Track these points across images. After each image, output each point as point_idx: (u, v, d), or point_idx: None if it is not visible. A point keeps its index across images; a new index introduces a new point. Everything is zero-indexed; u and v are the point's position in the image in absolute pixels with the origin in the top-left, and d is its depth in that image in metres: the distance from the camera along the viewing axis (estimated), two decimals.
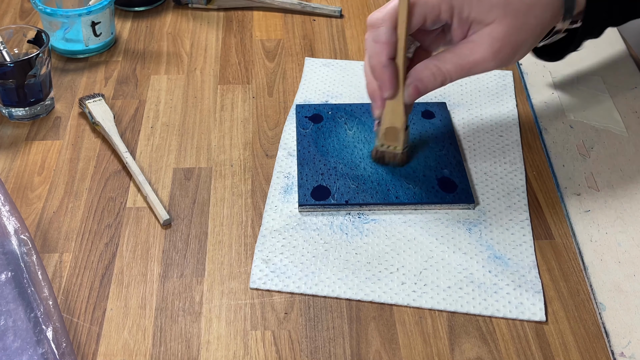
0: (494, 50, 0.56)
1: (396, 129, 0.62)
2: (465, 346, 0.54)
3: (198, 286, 0.58)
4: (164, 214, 0.63)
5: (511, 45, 0.57)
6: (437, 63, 0.58)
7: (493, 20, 0.56)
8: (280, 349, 0.54)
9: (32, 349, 0.50)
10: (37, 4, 0.79)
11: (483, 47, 0.56)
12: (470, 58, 0.57)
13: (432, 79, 0.58)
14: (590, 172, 0.68)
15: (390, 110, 0.61)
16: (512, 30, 0.56)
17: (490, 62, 0.57)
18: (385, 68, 0.58)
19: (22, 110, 0.73)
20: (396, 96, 0.60)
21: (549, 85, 0.78)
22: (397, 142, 0.64)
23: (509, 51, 0.57)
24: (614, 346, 0.54)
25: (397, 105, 0.61)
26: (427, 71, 0.58)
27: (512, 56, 0.57)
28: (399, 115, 0.61)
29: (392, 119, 0.62)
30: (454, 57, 0.57)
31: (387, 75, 0.58)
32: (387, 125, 0.62)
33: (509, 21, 0.56)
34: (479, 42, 0.56)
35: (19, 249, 0.55)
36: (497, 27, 0.56)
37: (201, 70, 0.81)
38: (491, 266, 0.59)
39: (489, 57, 0.56)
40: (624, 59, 0.81)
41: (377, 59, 0.58)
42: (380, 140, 0.64)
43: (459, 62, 0.57)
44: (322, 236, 0.62)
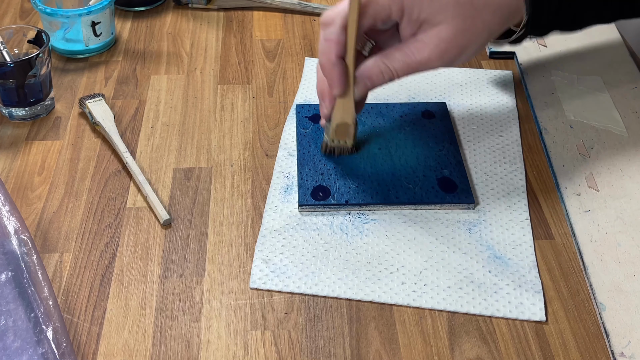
0: (440, 51, 0.58)
1: (347, 124, 0.64)
2: (465, 346, 0.54)
3: (198, 286, 0.58)
4: (164, 214, 0.63)
5: (457, 47, 0.58)
6: (385, 61, 0.59)
7: (441, 21, 0.57)
8: (280, 349, 0.54)
9: (32, 349, 0.50)
10: (37, 4, 0.80)
11: (430, 47, 0.58)
12: (417, 57, 0.58)
13: (381, 76, 0.59)
14: (590, 172, 0.68)
15: (341, 107, 0.63)
16: (458, 32, 0.57)
17: (435, 62, 0.58)
18: (334, 66, 0.59)
19: (22, 110, 0.73)
20: (346, 93, 0.61)
21: (549, 85, 0.78)
22: (347, 137, 0.66)
23: (454, 52, 0.58)
24: (614, 346, 0.54)
25: (348, 102, 0.62)
26: (375, 69, 0.59)
27: (457, 57, 0.59)
28: (349, 111, 0.63)
29: (342, 115, 0.63)
30: (401, 56, 0.58)
31: (336, 74, 0.59)
32: (337, 121, 0.64)
33: (456, 23, 0.57)
34: (427, 42, 0.58)
35: (19, 249, 0.55)
36: (444, 29, 0.57)
37: (201, 70, 0.81)
38: (491, 266, 0.59)
39: (434, 57, 0.58)
40: (624, 59, 0.81)
41: (326, 57, 0.59)
42: (331, 136, 0.65)
43: (406, 61, 0.58)
44: (322, 236, 0.62)
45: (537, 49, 0.83)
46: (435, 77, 0.80)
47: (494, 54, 0.83)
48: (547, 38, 0.70)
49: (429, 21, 0.57)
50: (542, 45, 0.83)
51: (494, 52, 0.83)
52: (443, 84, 0.79)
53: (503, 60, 0.83)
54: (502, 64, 0.83)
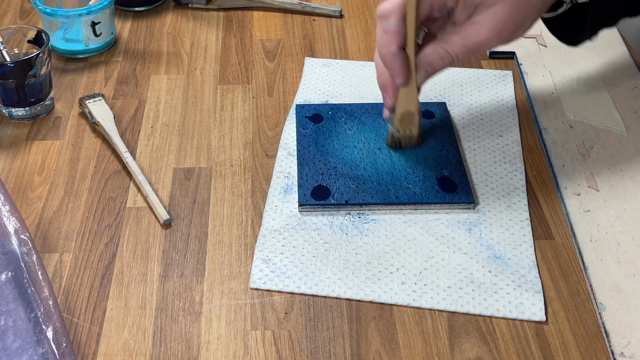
0: (497, 30, 0.58)
1: (412, 113, 0.65)
2: (465, 346, 0.54)
3: (198, 286, 0.58)
4: (164, 214, 0.63)
5: (514, 23, 0.59)
6: (444, 46, 0.60)
7: (496, 2, 0.58)
8: (280, 349, 0.54)
9: (32, 349, 0.50)
10: (37, 4, 0.80)
11: (487, 27, 0.58)
12: (476, 39, 0.59)
13: (441, 61, 0.60)
14: (590, 172, 0.68)
15: (405, 96, 0.63)
16: (514, 9, 0.58)
17: (493, 42, 0.59)
18: (396, 57, 0.60)
19: (22, 110, 0.73)
20: (409, 82, 0.62)
21: (549, 85, 0.78)
22: (413, 125, 0.66)
23: (512, 29, 0.59)
24: (614, 346, 0.54)
25: (411, 90, 0.63)
26: (435, 54, 0.60)
27: (514, 34, 0.60)
28: (413, 99, 0.64)
29: (407, 104, 0.64)
30: (459, 39, 0.59)
31: (398, 64, 0.60)
32: (402, 110, 0.65)
33: (511, 1, 0.58)
34: (483, 22, 0.58)
35: (19, 249, 0.55)
36: (500, 8, 0.58)
37: (201, 70, 0.81)
38: (491, 266, 0.59)
39: (493, 37, 0.59)
40: (624, 59, 0.81)
41: (387, 48, 0.60)
42: (396, 126, 0.66)
43: (464, 44, 0.59)
44: (322, 236, 0.62)
45: (537, 48, 0.83)
46: (435, 77, 0.79)
47: (494, 54, 0.83)
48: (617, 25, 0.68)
49: (484, 2, 0.58)
50: (542, 45, 0.83)
51: (494, 52, 0.83)
52: (443, 84, 0.79)
53: (503, 60, 0.83)
54: (502, 64, 0.83)
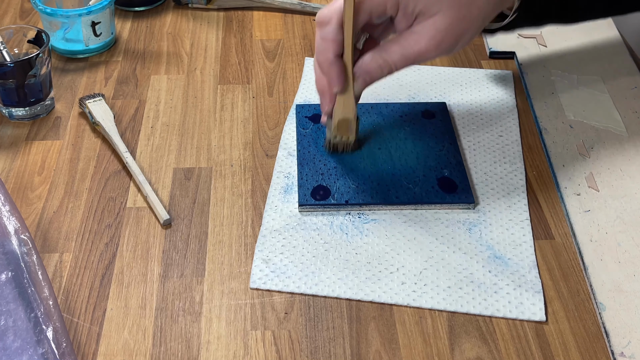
0: (436, 42, 0.58)
1: (348, 120, 0.65)
2: (465, 346, 0.54)
3: (198, 286, 0.58)
4: (164, 214, 0.63)
5: (453, 35, 0.58)
6: (383, 55, 0.59)
7: (437, 12, 0.57)
8: (280, 349, 0.54)
9: (32, 349, 0.50)
10: (37, 4, 0.80)
11: (426, 38, 0.58)
12: (415, 49, 0.58)
13: (379, 70, 0.60)
14: (590, 172, 0.68)
15: (342, 103, 0.63)
16: (454, 21, 0.58)
17: (432, 52, 0.59)
18: (332, 65, 0.60)
19: (22, 110, 0.73)
20: (346, 90, 0.62)
21: (549, 85, 0.78)
22: (349, 132, 0.66)
23: (451, 41, 0.59)
24: (614, 346, 0.54)
25: (348, 98, 0.62)
26: (374, 63, 0.60)
27: (453, 46, 0.59)
28: (350, 107, 0.63)
29: (344, 111, 0.64)
30: (398, 49, 0.59)
31: (335, 72, 0.60)
32: (339, 117, 0.64)
33: (452, 13, 0.57)
34: (423, 33, 0.58)
35: (19, 249, 0.55)
36: (440, 19, 0.57)
37: (201, 70, 0.81)
38: (491, 266, 0.59)
39: (432, 47, 0.58)
40: (624, 59, 0.81)
41: (324, 56, 0.60)
42: (333, 132, 0.66)
43: (403, 53, 0.59)
44: (322, 236, 0.62)
45: (537, 48, 0.83)
46: (435, 77, 0.80)
47: (494, 54, 0.83)
48: (542, 28, 0.70)
49: (424, 12, 0.57)
50: (542, 45, 0.83)
51: (494, 52, 0.83)
52: (443, 84, 0.79)
53: (503, 60, 0.83)
54: (502, 63, 0.83)
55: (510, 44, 0.84)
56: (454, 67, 0.82)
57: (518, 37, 0.85)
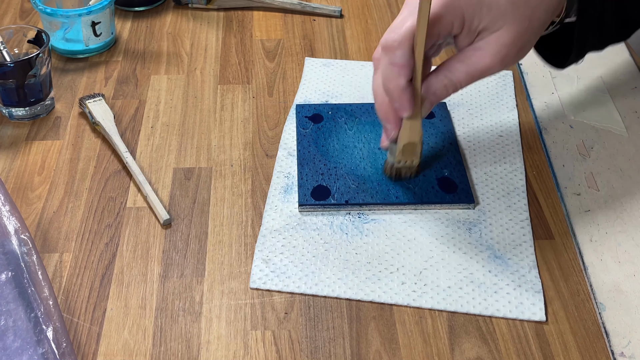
0: (501, 56, 0.57)
1: (414, 144, 0.62)
2: (465, 346, 0.54)
3: (198, 286, 0.58)
4: (164, 214, 0.63)
5: (517, 48, 0.57)
6: (447, 74, 0.58)
7: (501, 27, 0.56)
8: (280, 349, 0.54)
9: (32, 349, 0.50)
10: (37, 4, 0.80)
11: (491, 53, 0.57)
12: (479, 65, 0.57)
13: (445, 90, 0.59)
14: (590, 172, 0.68)
15: (409, 127, 0.61)
16: (518, 35, 0.57)
17: (497, 68, 0.58)
18: (404, 91, 0.57)
19: (22, 110, 0.73)
20: (415, 114, 0.59)
21: (549, 85, 0.78)
22: (414, 156, 0.64)
23: (515, 54, 0.58)
24: (614, 346, 0.54)
25: (415, 122, 0.60)
26: (439, 84, 0.58)
27: (516, 58, 0.58)
28: (417, 130, 0.61)
29: (410, 135, 0.61)
30: (463, 66, 0.58)
31: (407, 97, 0.58)
32: (405, 141, 0.62)
33: (515, 27, 0.56)
34: (487, 49, 0.57)
35: (19, 249, 0.55)
36: (504, 34, 0.56)
37: (201, 70, 0.81)
38: (491, 266, 0.59)
39: (496, 63, 0.57)
40: (624, 59, 0.81)
41: (395, 82, 0.57)
42: (397, 157, 0.63)
43: (468, 71, 0.58)
44: (322, 236, 0.62)
45: None
46: None
47: None
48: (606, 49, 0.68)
49: (488, 28, 0.56)
50: None
51: None
52: None
53: None
54: None
55: None
56: None
57: None
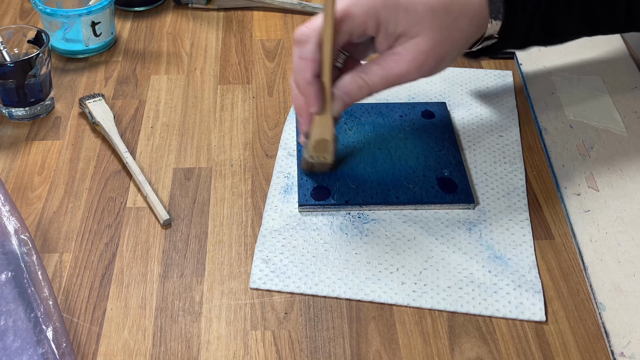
0: (418, 63, 0.57)
1: (326, 141, 0.62)
2: (465, 346, 0.54)
3: (198, 286, 0.58)
4: (164, 214, 0.63)
5: (435, 57, 0.57)
6: (363, 76, 0.58)
7: (418, 33, 0.56)
8: (280, 349, 0.54)
9: (32, 349, 0.50)
10: (37, 4, 0.80)
11: (407, 60, 0.57)
12: (396, 70, 0.57)
13: (359, 91, 0.59)
14: (590, 172, 0.68)
15: (319, 124, 0.61)
16: (436, 43, 0.57)
17: (414, 74, 0.58)
18: (310, 85, 0.58)
19: (22, 110, 0.73)
20: (324, 110, 0.60)
21: (549, 85, 0.78)
22: (327, 153, 0.63)
23: (432, 63, 0.58)
24: (614, 346, 0.54)
25: (325, 119, 0.60)
26: (354, 84, 0.58)
27: (435, 68, 0.59)
28: (327, 127, 0.61)
29: (321, 132, 0.62)
30: (379, 70, 0.58)
31: (313, 92, 0.58)
32: (316, 137, 0.62)
33: (434, 35, 0.56)
34: (404, 54, 0.57)
35: (19, 249, 0.55)
36: (422, 41, 0.56)
37: (201, 70, 0.81)
38: (491, 266, 0.59)
39: (413, 69, 0.57)
40: (624, 59, 0.81)
41: (302, 75, 0.58)
42: (309, 152, 0.63)
43: (384, 75, 0.58)
44: (322, 236, 0.62)
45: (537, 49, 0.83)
46: (435, 77, 0.80)
47: None
48: (527, 50, 0.70)
49: (406, 34, 0.56)
50: None
51: None
52: (443, 84, 0.79)
53: (503, 60, 0.83)
54: (502, 64, 0.83)
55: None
56: (454, 67, 0.81)
57: None
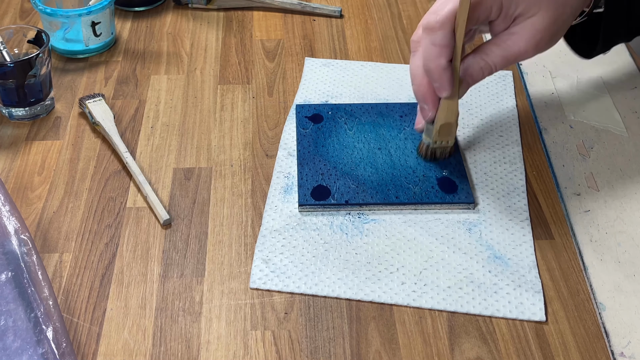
0: (535, 41, 0.59)
1: (451, 124, 0.64)
2: (465, 346, 0.54)
3: (198, 286, 0.58)
4: (164, 214, 0.63)
5: (550, 34, 0.60)
6: (484, 57, 0.61)
7: (535, 13, 0.58)
8: (280, 349, 0.54)
9: (32, 349, 0.50)
10: (37, 4, 0.80)
11: (526, 38, 0.59)
12: (514, 49, 0.60)
13: (481, 72, 0.61)
14: (590, 172, 0.68)
15: (446, 107, 0.63)
16: (551, 21, 0.59)
17: (531, 52, 0.60)
18: (445, 70, 0.60)
19: (22, 110, 0.73)
20: (452, 95, 0.62)
21: (549, 85, 0.78)
22: (450, 137, 0.66)
23: (548, 40, 0.60)
24: (614, 346, 0.54)
25: (453, 102, 0.62)
26: (476, 66, 0.61)
27: (550, 44, 0.61)
28: (454, 111, 0.63)
29: (447, 115, 0.63)
30: (499, 50, 0.60)
31: (447, 77, 0.60)
32: (442, 122, 0.64)
33: (550, 13, 0.59)
34: (522, 34, 0.59)
35: (19, 249, 0.55)
36: (538, 20, 0.59)
37: (201, 70, 0.81)
38: (491, 266, 0.59)
39: (531, 47, 0.60)
40: (624, 59, 0.81)
41: (436, 62, 0.59)
42: (434, 137, 0.65)
43: (504, 55, 0.60)
44: (322, 236, 0.62)
45: None
46: None
47: None
48: None
49: (523, 14, 0.59)
50: None
51: None
52: None
53: None
54: None
55: None
56: None
57: None
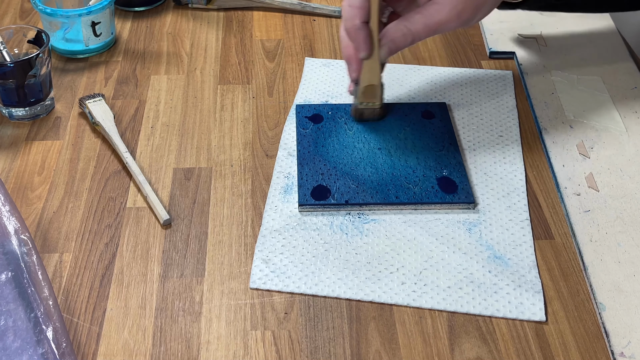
0: (457, 11, 0.62)
1: (374, 86, 0.68)
2: (465, 346, 0.54)
3: (198, 286, 0.58)
4: (164, 214, 0.63)
5: (473, 5, 0.62)
6: (406, 24, 0.63)
7: None
8: (280, 349, 0.54)
9: (32, 349, 0.50)
10: (37, 4, 0.80)
11: (448, 8, 0.62)
12: (436, 18, 0.62)
13: (403, 39, 0.63)
14: (590, 172, 0.68)
15: (368, 69, 0.66)
16: None
17: (453, 22, 0.62)
18: (359, 30, 0.62)
19: (22, 110, 0.73)
20: (372, 56, 0.64)
21: (549, 85, 0.78)
22: (375, 98, 0.69)
23: (471, 11, 0.62)
24: (614, 346, 0.54)
25: (374, 64, 0.65)
26: (398, 32, 0.63)
27: (473, 16, 0.63)
28: (375, 73, 0.66)
29: (370, 77, 0.67)
30: (421, 18, 0.62)
31: (362, 37, 0.63)
32: (365, 83, 0.67)
33: None
34: (445, 3, 0.62)
35: (19, 249, 0.55)
36: None
37: (201, 70, 0.81)
38: (491, 266, 0.59)
39: (453, 17, 0.62)
40: (624, 59, 0.81)
41: (351, 22, 0.62)
42: (359, 99, 0.69)
43: (426, 23, 0.62)
44: (322, 236, 0.62)
45: (537, 48, 0.83)
46: (435, 77, 0.80)
47: (494, 54, 0.83)
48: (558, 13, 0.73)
49: None
50: (542, 45, 0.84)
51: (494, 52, 0.83)
52: (443, 84, 0.79)
53: (503, 60, 0.83)
54: (502, 64, 0.83)
55: (510, 44, 0.84)
56: (454, 67, 0.82)
57: (518, 36, 0.85)
